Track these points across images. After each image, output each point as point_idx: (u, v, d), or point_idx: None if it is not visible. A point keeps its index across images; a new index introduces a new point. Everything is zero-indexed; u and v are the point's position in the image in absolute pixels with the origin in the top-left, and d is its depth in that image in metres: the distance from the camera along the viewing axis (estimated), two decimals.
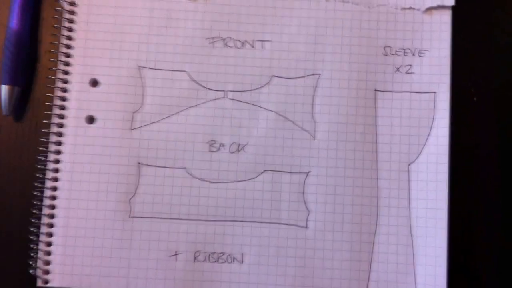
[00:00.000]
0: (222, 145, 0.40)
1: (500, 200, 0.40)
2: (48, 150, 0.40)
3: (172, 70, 0.41)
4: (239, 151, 0.40)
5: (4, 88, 0.40)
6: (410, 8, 0.41)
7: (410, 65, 0.41)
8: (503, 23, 0.42)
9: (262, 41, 0.41)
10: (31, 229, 0.39)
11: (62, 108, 0.40)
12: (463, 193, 0.40)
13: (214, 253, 0.39)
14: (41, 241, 0.39)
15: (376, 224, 0.40)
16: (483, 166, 0.40)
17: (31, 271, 0.39)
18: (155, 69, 0.41)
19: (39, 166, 0.39)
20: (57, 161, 0.40)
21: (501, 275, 0.40)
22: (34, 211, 0.39)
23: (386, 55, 0.41)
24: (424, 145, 0.40)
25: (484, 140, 0.41)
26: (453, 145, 0.40)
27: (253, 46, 0.41)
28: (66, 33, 0.41)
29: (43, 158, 0.39)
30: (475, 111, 0.41)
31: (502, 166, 0.40)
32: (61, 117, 0.40)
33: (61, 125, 0.40)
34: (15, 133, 0.41)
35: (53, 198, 0.39)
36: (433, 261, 0.39)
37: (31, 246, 0.39)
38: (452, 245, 0.39)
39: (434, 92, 0.40)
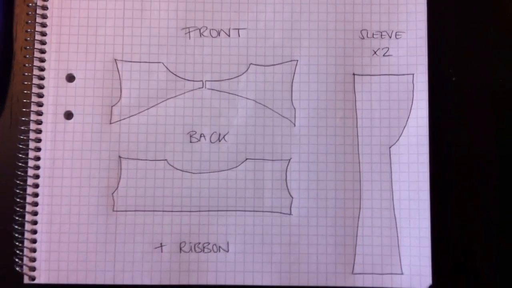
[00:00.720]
0: (202, 135, 0.41)
1: (494, 187, 0.41)
2: (28, 147, 0.40)
3: (148, 62, 0.41)
4: (219, 141, 0.41)
5: None
6: None
7: (387, 47, 0.41)
8: (479, 1, 0.43)
9: (237, 29, 0.42)
10: (15, 226, 0.40)
11: (40, 104, 0.41)
12: (451, 182, 0.41)
13: (199, 243, 0.40)
14: (26, 238, 0.40)
15: (360, 208, 0.41)
16: (466, 149, 0.42)
17: (17, 268, 0.40)
18: (131, 61, 0.41)
19: (19, 164, 0.40)
20: (37, 158, 0.40)
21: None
22: (17, 209, 0.40)
23: (363, 38, 0.42)
24: (404, 127, 0.41)
25: (464, 120, 0.42)
26: (433, 126, 0.41)
27: (229, 35, 0.42)
28: (39, 28, 0.41)
29: (23, 156, 0.40)
30: (454, 91, 0.42)
31: (488, 148, 0.42)
32: (39, 113, 0.41)
33: (39, 122, 0.41)
34: None
35: (36, 195, 0.40)
36: (418, 242, 0.40)
37: (16, 243, 0.40)
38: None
39: (412, 74, 0.41)
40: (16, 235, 0.40)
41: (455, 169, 0.41)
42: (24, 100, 0.41)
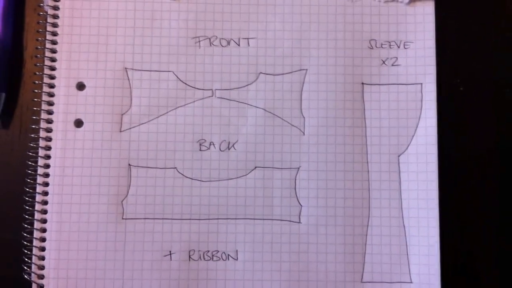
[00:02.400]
0: (212, 143, 0.43)
1: (498, 195, 0.43)
2: (38, 155, 0.42)
3: (158, 71, 0.43)
4: (229, 149, 0.43)
5: None
6: (394, 0, 0.44)
7: (396, 57, 0.43)
8: (485, 12, 0.44)
9: (247, 38, 0.43)
10: (24, 234, 0.41)
11: (50, 112, 0.42)
12: (458, 189, 0.43)
13: (208, 251, 0.42)
14: (35, 246, 0.41)
15: (369, 217, 0.42)
16: (473, 158, 0.43)
17: (26, 276, 0.41)
18: (142, 70, 0.43)
19: (29, 171, 0.42)
20: (47, 166, 0.42)
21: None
22: (26, 216, 0.41)
23: (371, 48, 0.43)
24: (413, 136, 0.43)
25: (472, 130, 0.43)
26: (441, 135, 0.42)
27: (238, 44, 0.43)
28: (50, 37, 0.43)
29: (32, 164, 0.42)
30: (462, 101, 0.44)
31: (493, 156, 0.43)
32: (49, 121, 0.42)
33: (49, 130, 0.42)
34: (3, 140, 0.43)
35: (45, 202, 0.41)
36: (426, 250, 0.41)
37: (25, 251, 0.41)
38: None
39: (421, 84, 0.43)
40: (25, 243, 0.41)
41: (464, 178, 0.43)
42: (34, 108, 0.42)
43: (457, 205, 0.43)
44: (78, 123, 0.42)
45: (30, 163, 0.42)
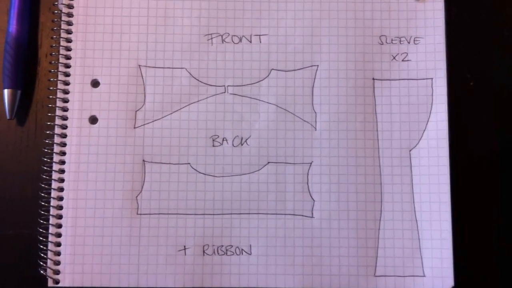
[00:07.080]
0: (225, 139, 0.44)
1: (500, 193, 0.44)
2: (53, 151, 0.43)
3: (172, 68, 0.44)
4: (242, 145, 0.44)
5: (7, 92, 0.43)
6: None
7: (406, 53, 0.44)
8: (495, 7, 0.45)
9: (259, 35, 0.45)
10: (40, 229, 0.42)
11: (65, 109, 0.43)
12: (470, 183, 0.43)
13: (222, 246, 0.43)
14: (50, 242, 0.42)
15: (381, 211, 0.43)
16: (485, 151, 0.44)
17: (42, 272, 0.42)
18: (155, 67, 0.44)
19: (44, 168, 0.43)
20: (62, 162, 0.43)
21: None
22: (41, 212, 0.42)
23: (382, 44, 0.44)
24: (424, 131, 0.44)
25: (483, 123, 0.44)
26: (452, 130, 0.43)
27: (250, 41, 0.44)
28: (65, 35, 0.44)
29: (48, 160, 0.43)
30: (472, 95, 0.44)
31: (506, 150, 0.44)
32: (64, 118, 0.43)
33: (64, 127, 0.43)
34: (19, 136, 0.44)
35: (60, 198, 0.42)
36: (439, 244, 0.42)
37: (41, 246, 0.42)
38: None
39: (431, 78, 0.44)
40: (41, 238, 0.42)
41: (475, 171, 0.44)
42: (49, 105, 0.43)
43: (469, 198, 0.43)
44: (93, 120, 0.44)
45: (45, 159, 0.43)
